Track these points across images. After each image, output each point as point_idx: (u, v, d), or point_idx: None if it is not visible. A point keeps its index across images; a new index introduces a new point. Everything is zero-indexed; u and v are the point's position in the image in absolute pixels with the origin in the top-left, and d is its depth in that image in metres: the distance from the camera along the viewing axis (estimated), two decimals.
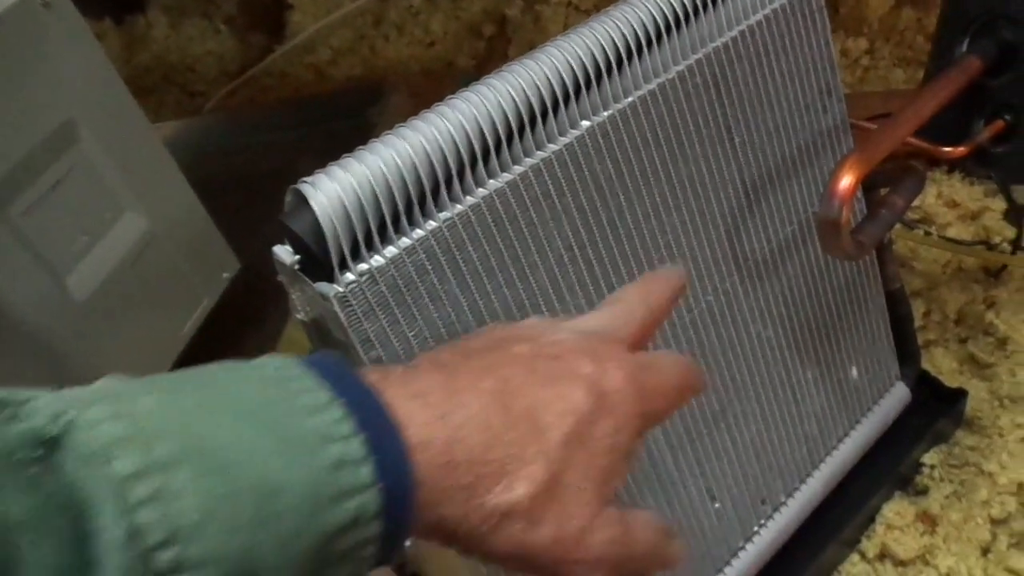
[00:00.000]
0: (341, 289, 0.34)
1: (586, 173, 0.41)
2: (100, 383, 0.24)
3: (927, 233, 0.81)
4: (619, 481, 0.30)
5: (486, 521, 0.27)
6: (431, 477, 0.25)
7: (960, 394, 0.64)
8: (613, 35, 0.41)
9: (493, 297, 0.39)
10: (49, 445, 0.21)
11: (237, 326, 0.83)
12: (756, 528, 0.56)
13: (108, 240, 0.63)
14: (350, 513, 0.24)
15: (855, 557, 0.60)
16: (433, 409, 0.27)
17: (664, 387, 0.32)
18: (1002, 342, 0.70)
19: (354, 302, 0.34)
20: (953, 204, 0.83)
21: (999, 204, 0.82)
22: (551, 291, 0.41)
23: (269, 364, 0.26)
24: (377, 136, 0.36)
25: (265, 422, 0.24)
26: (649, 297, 0.34)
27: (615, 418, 0.29)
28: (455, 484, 0.26)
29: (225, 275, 0.77)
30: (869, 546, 0.60)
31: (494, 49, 1.46)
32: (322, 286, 0.34)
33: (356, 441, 0.24)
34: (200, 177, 0.85)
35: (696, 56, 0.44)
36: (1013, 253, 0.76)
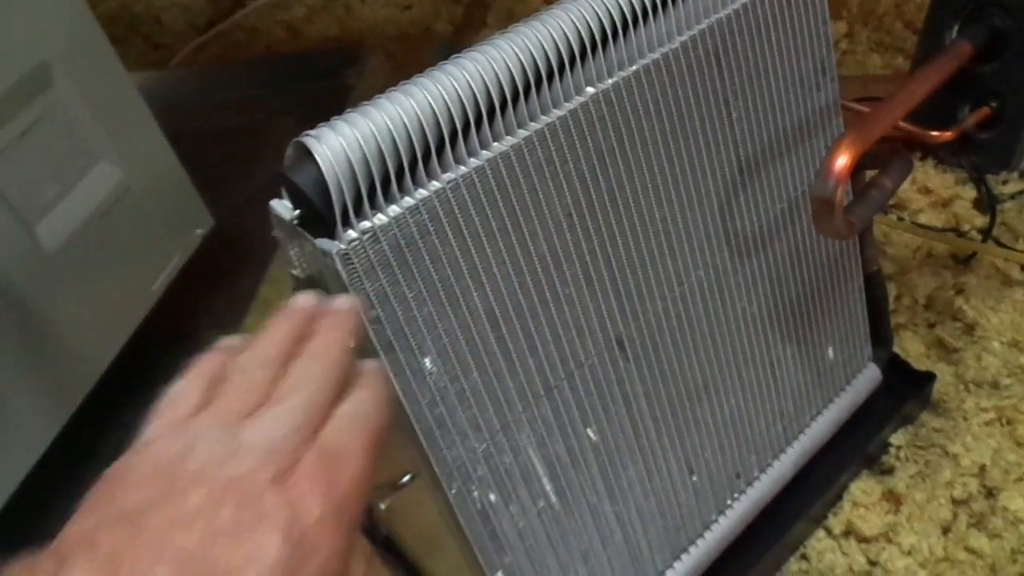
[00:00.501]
0: (343, 246, 0.33)
1: (588, 141, 0.40)
2: None
3: (900, 218, 0.83)
4: None
5: None
6: None
7: (928, 377, 0.66)
8: (621, 1, 0.40)
9: (492, 261, 0.38)
10: None
11: (209, 284, 0.82)
12: (729, 502, 0.57)
13: (80, 190, 0.61)
14: None
15: (821, 533, 0.62)
16: None
17: (357, 466, 0.28)
18: (969, 328, 0.71)
19: (356, 260, 0.33)
20: (926, 191, 0.85)
21: (969, 192, 0.84)
22: (549, 258, 0.40)
23: None
24: (354, 99, 0.35)
25: None
26: (327, 370, 0.30)
27: (321, 554, 0.26)
28: None
29: (198, 232, 0.75)
30: (835, 523, 0.62)
31: (472, 15, 1.44)
32: (323, 242, 0.33)
33: None
34: (169, 132, 0.82)
35: (700, 27, 0.44)
36: (984, 241, 0.77)
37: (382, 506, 0.56)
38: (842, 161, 0.44)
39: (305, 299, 0.32)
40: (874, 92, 0.94)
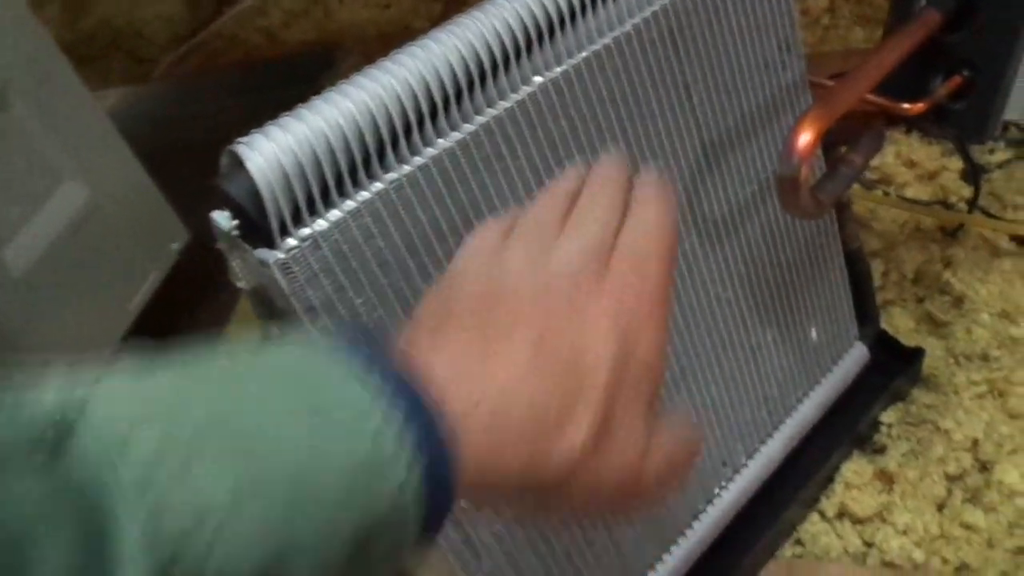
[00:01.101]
0: (282, 255, 0.32)
1: (539, 132, 0.39)
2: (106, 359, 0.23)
3: (885, 193, 0.82)
4: (661, 388, 0.30)
5: (554, 477, 0.27)
6: (480, 454, 0.25)
7: (917, 353, 0.65)
8: None
9: (444, 263, 0.37)
10: (61, 430, 0.19)
11: (191, 297, 0.81)
12: (717, 490, 0.56)
13: (46, 212, 0.60)
14: (390, 499, 0.23)
15: (815, 516, 0.61)
16: (474, 382, 0.26)
17: (659, 265, 0.30)
18: (958, 300, 0.70)
19: (296, 269, 0.33)
20: (911, 164, 0.83)
21: (956, 163, 0.82)
22: None
23: (294, 340, 0.25)
24: None
25: (296, 398, 0.22)
26: (611, 197, 0.32)
27: (647, 332, 0.29)
28: (511, 454, 0.26)
29: (174, 246, 0.75)
30: (828, 505, 0.61)
31: (450, 12, 1.43)
32: (261, 252, 0.32)
33: (396, 424, 0.23)
34: (150, 146, 0.82)
35: (652, 8, 0.42)
36: (969, 212, 0.76)
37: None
38: (805, 138, 0.43)
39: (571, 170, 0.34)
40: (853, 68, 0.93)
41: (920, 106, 0.53)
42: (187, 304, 0.79)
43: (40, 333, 0.60)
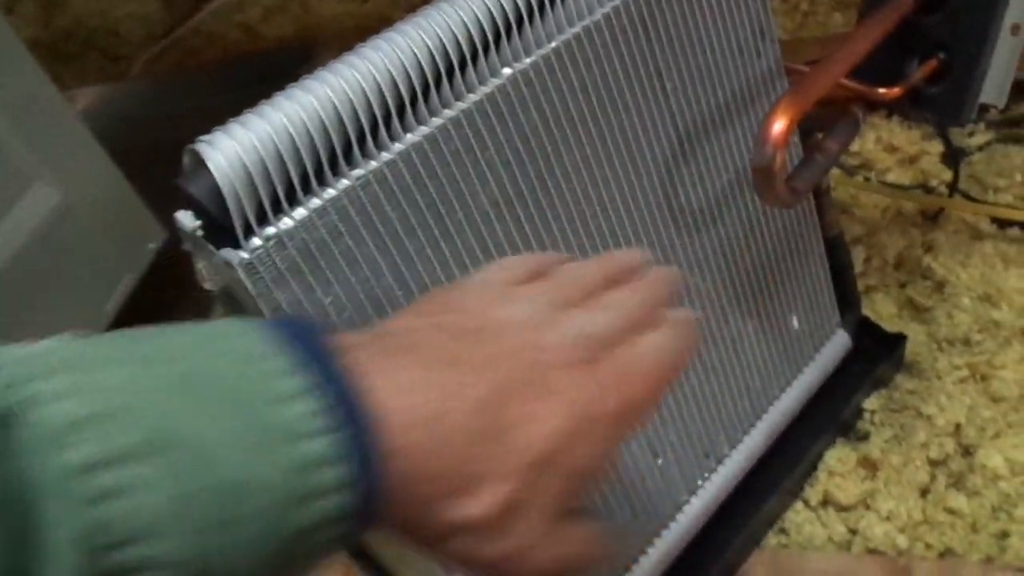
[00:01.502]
0: (246, 255, 0.32)
1: (510, 124, 0.39)
2: (59, 343, 0.23)
3: (866, 179, 0.81)
4: (580, 496, 0.29)
5: (440, 530, 0.26)
6: (402, 484, 0.24)
7: (900, 339, 0.65)
8: None
9: (415, 259, 0.37)
10: (2, 420, 0.19)
11: (169, 297, 0.80)
12: (700, 482, 0.56)
13: (15, 215, 0.59)
14: (319, 515, 0.23)
15: (799, 505, 0.61)
16: (418, 411, 0.25)
17: (643, 390, 0.29)
18: (939, 285, 0.70)
19: (261, 269, 0.32)
20: (892, 148, 0.83)
21: (936, 147, 0.82)
22: (478, 250, 0.39)
23: (238, 335, 0.24)
24: None
25: (237, 410, 0.22)
26: (644, 305, 0.31)
27: (592, 444, 0.28)
28: (423, 492, 0.25)
29: (151, 246, 0.74)
30: (812, 493, 0.60)
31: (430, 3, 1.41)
32: (226, 252, 0.32)
33: (331, 440, 0.23)
34: (128, 144, 0.80)
35: None
36: (950, 195, 0.76)
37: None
38: (779, 126, 0.43)
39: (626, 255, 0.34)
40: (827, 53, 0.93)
41: (896, 91, 0.53)
42: (165, 304, 0.78)
43: (14, 336, 0.59)
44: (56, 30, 1.58)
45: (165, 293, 0.80)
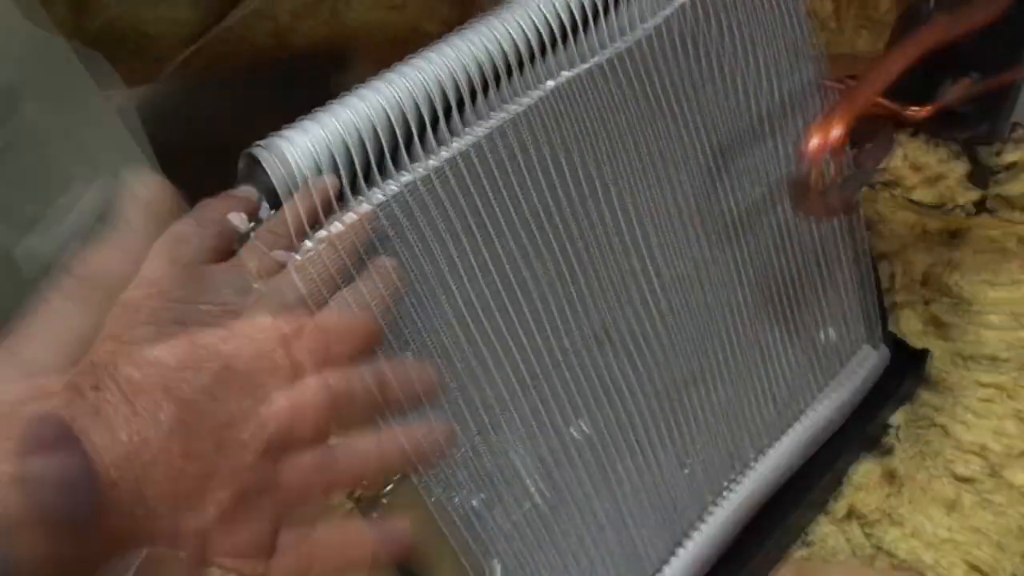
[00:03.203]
0: (299, 257, 0.32)
1: (554, 135, 0.39)
2: None
3: (893, 195, 0.82)
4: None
5: (183, 543, 0.26)
6: (118, 511, 0.25)
7: (925, 355, 0.65)
8: None
9: (458, 263, 0.38)
10: None
11: None
12: (726, 492, 0.56)
13: (58, 213, 0.61)
14: None
15: (822, 518, 0.61)
16: (121, 445, 0.25)
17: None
18: (966, 303, 0.70)
19: (313, 270, 0.33)
20: (917, 167, 0.83)
21: (962, 166, 0.82)
22: (518, 257, 0.40)
23: None
24: None
25: None
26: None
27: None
28: (144, 516, 0.25)
29: None
30: (836, 507, 0.61)
31: (465, 14, 1.43)
32: (279, 254, 0.33)
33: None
34: (157, 146, 0.82)
35: (665, 13, 0.43)
36: (977, 214, 0.76)
37: (374, 515, 0.55)
38: (816, 143, 0.43)
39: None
40: (864, 70, 0.93)
41: (928, 109, 0.53)
42: None
43: None
44: (87, 33, 1.61)
45: None
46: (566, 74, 0.39)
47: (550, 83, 0.39)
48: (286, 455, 0.27)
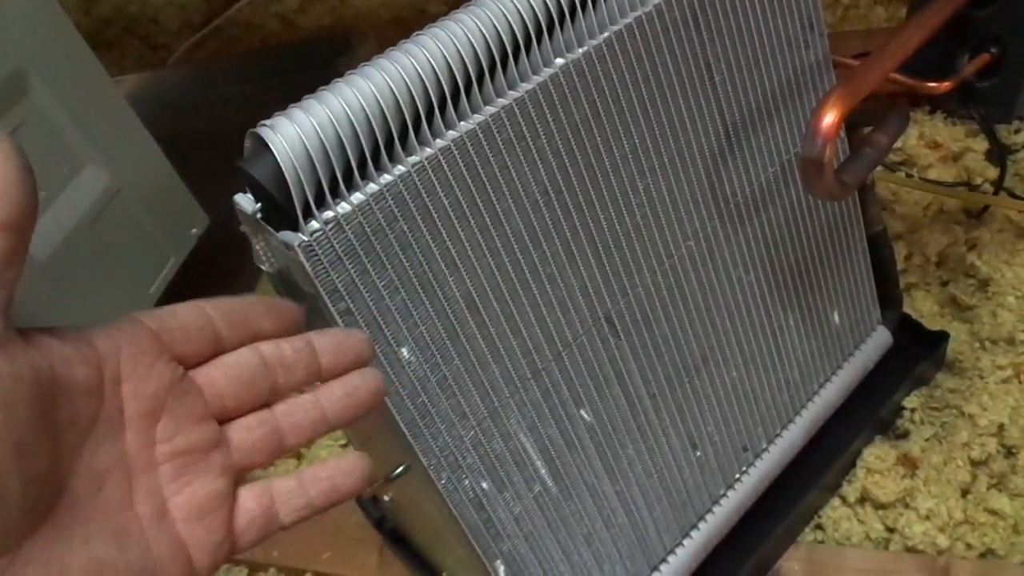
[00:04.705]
0: (306, 238, 0.32)
1: (561, 114, 0.39)
2: None
3: (908, 175, 0.80)
4: None
5: None
6: None
7: (941, 337, 0.64)
8: None
9: (466, 244, 0.37)
10: None
11: (209, 283, 0.81)
12: (738, 475, 0.56)
13: (67, 196, 0.61)
14: None
15: (836, 501, 0.60)
16: None
17: None
18: (983, 283, 0.69)
19: (320, 251, 0.32)
20: (935, 145, 0.82)
21: (981, 144, 0.81)
22: (527, 237, 0.39)
23: None
24: None
25: None
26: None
27: None
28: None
29: (194, 231, 0.75)
30: (850, 490, 0.60)
31: None
32: (286, 235, 0.32)
33: None
34: (167, 132, 0.82)
35: None
36: (995, 193, 0.75)
37: (386, 498, 0.55)
38: (829, 119, 0.42)
39: None
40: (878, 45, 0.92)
41: (947, 84, 0.53)
42: (206, 289, 0.79)
43: (61, 318, 0.60)
44: (96, 18, 1.61)
45: (206, 278, 0.81)
46: (575, 52, 0.39)
47: (559, 61, 0.38)
48: (228, 416, 0.27)
